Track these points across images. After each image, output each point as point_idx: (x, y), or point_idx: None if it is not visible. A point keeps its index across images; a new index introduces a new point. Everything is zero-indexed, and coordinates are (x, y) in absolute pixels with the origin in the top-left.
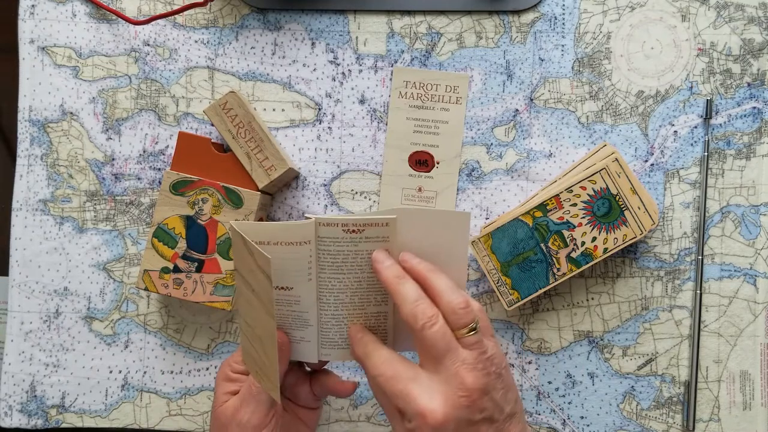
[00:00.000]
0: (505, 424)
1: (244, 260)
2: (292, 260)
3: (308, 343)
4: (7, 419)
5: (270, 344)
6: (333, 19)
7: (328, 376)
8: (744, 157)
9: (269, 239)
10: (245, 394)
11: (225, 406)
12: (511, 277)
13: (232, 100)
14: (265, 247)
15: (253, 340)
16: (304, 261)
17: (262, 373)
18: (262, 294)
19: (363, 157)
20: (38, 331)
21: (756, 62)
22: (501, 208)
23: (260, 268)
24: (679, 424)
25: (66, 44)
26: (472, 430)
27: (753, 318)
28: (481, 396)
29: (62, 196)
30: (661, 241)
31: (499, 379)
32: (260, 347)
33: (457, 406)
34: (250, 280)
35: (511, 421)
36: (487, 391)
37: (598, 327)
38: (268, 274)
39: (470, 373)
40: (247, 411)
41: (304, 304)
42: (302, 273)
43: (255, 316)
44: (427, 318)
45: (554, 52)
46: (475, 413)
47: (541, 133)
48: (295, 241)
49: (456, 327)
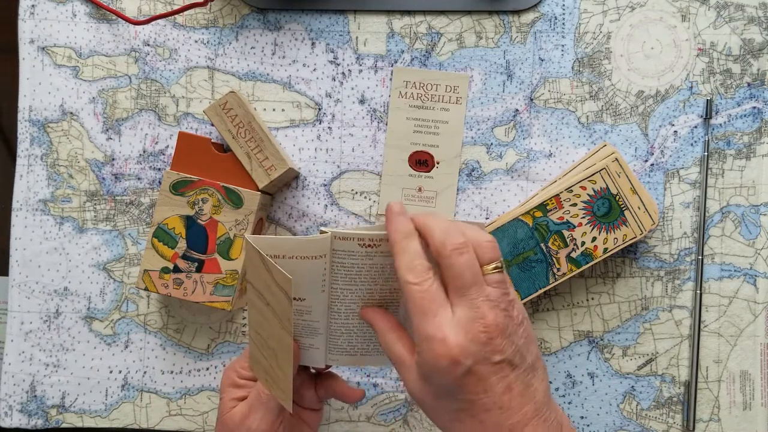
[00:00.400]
0: (528, 375)
1: (260, 275)
2: (306, 273)
3: (317, 350)
4: (7, 419)
5: (285, 358)
6: (333, 19)
7: (335, 381)
8: (744, 157)
9: (284, 253)
10: (254, 401)
11: (233, 412)
12: (511, 277)
13: (232, 100)
14: (280, 261)
15: (263, 349)
16: (318, 274)
17: (271, 381)
18: (278, 310)
19: (363, 157)
20: (38, 331)
21: (756, 62)
22: (501, 208)
23: (279, 286)
24: (679, 424)
25: (66, 44)
26: (493, 370)
27: (753, 318)
28: (500, 334)
29: (62, 196)
30: (661, 241)
31: (520, 327)
32: (272, 358)
33: (476, 340)
34: (266, 294)
35: (534, 374)
36: (507, 332)
37: (598, 327)
38: (288, 293)
39: (492, 310)
40: (256, 418)
41: (315, 313)
42: (316, 285)
43: (268, 328)
44: (458, 244)
45: (554, 52)
46: (495, 353)
47: (541, 133)
48: (311, 255)
49: (483, 261)
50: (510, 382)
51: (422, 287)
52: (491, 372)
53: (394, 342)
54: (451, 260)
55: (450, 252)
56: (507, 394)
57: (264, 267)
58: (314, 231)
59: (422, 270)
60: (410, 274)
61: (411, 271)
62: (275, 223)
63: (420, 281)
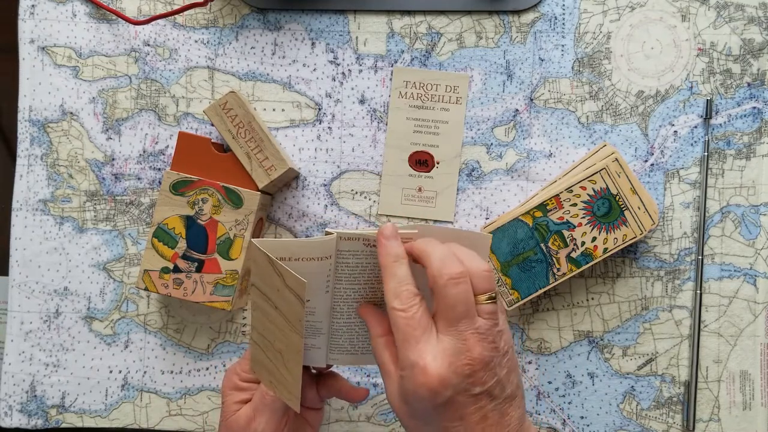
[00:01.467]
0: (505, 404)
1: (268, 278)
2: (311, 274)
3: (318, 349)
4: (7, 419)
5: (294, 360)
6: (333, 19)
7: (338, 380)
8: (744, 157)
9: (290, 255)
10: (258, 404)
11: (237, 415)
12: (511, 277)
13: (232, 100)
14: (286, 263)
15: (268, 351)
16: (323, 275)
17: (276, 383)
18: (289, 313)
19: (363, 157)
20: (38, 331)
21: (756, 62)
22: (501, 208)
23: (290, 289)
24: (679, 424)
25: (66, 44)
26: (471, 401)
27: (753, 318)
28: (484, 368)
29: (62, 196)
30: (661, 241)
31: (504, 357)
32: (278, 360)
33: (458, 372)
34: (273, 296)
35: (512, 403)
36: (491, 365)
37: (598, 327)
38: (301, 296)
39: (479, 344)
40: (261, 420)
41: (318, 314)
42: (320, 286)
43: (274, 331)
44: (454, 275)
45: (554, 52)
46: (476, 385)
47: (541, 133)
48: (317, 257)
49: (477, 291)
50: (486, 413)
51: (407, 314)
52: (469, 402)
53: (383, 348)
54: (446, 290)
55: (446, 282)
56: (481, 424)
57: (273, 270)
58: (314, 231)
59: (408, 296)
60: (396, 300)
61: (397, 297)
62: (275, 223)
63: (405, 308)
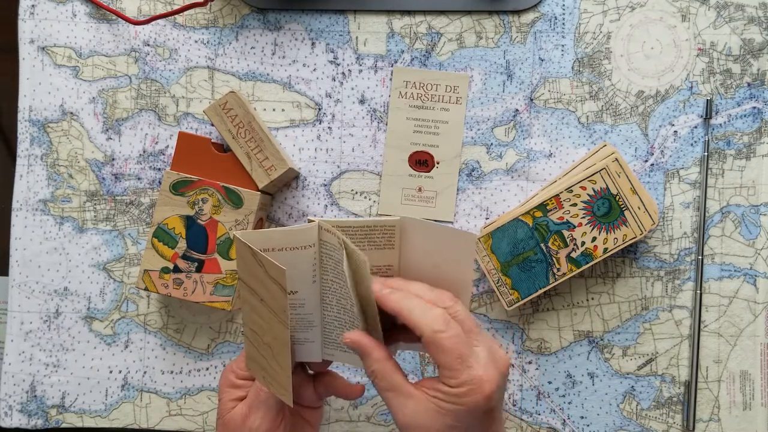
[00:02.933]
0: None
1: (252, 270)
2: (296, 264)
3: (312, 343)
4: (7, 419)
5: (283, 352)
6: (333, 19)
7: (334, 378)
8: (744, 157)
9: (273, 246)
10: (253, 400)
11: (233, 412)
12: (511, 277)
13: (232, 100)
14: (270, 254)
15: (260, 346)
16: (308, 264)
17: (270, 378)
18: (273, 304)
19: (363, 157)
20: (38, 331)
21: (756, 62)
22: (501, 208)
23: (272, 279)
24: (679, 424)
25: (66, 44)
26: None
27: (753, 318)
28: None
29: (62, 196)
30: (661, 241)
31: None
32: (268, 354)
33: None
34: (258, 289)
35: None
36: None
37: (598, 327)
38: (282, 285)
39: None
40: (257, 417)
41: (308, 306)
42: (307, 276)
43: (263, 324)
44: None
45: (554, 52)
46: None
47: (541, 133)
48: (299, 245)
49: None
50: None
51: (448, 333)
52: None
53: (392, 372)
54: (441, 343)
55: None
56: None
57: (256, 262)
58: None
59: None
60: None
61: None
62: (275, 223)
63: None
